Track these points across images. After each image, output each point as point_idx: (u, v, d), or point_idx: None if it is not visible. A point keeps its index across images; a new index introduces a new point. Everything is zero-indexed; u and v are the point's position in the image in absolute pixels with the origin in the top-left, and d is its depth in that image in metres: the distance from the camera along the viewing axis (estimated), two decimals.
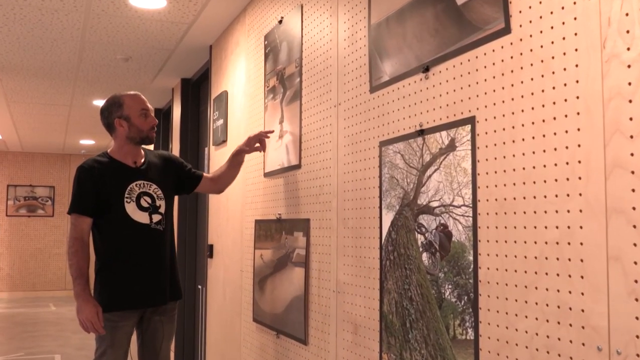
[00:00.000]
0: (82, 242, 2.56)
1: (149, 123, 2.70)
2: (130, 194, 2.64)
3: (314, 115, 2.50)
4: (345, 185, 2.22)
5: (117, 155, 2.70)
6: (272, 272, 2.87)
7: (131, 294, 2.59)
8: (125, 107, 2.66)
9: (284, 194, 2.79)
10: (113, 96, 2.72)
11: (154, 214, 2.68)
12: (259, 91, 3.19)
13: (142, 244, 2.63)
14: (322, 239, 2.39)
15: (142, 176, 2.70)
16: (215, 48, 4.14)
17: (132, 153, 2.71)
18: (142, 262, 2.62)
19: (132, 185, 2.65)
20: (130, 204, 2.62)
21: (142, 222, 2.62)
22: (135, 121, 2.66)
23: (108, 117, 2.70)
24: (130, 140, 2.68)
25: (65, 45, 4.23)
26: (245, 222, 3.32)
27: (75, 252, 2.54)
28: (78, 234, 2.56)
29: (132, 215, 2.61)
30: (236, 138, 3.56)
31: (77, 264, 2.53)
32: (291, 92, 2.74)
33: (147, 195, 2.68)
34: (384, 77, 1.99)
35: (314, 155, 2.49)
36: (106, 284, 2.59)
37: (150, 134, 2.71)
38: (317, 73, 2.49)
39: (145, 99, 2.74)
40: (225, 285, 3.67)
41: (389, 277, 1.91)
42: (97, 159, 2.70)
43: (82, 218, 2.58)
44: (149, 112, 2.71)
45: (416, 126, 1.80)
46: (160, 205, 2.71)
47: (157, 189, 2.71)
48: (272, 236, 2.89)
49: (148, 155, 2.79)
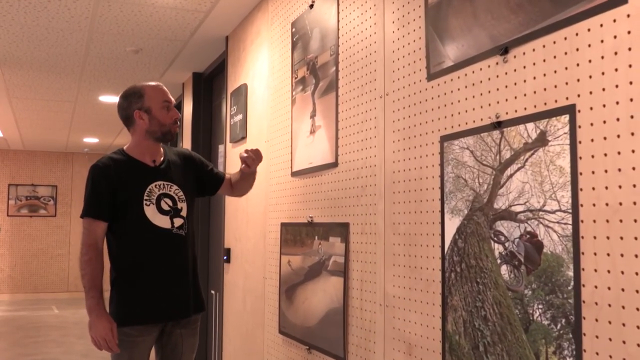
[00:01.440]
0: (96, 250, 2.31)
1: (172, 116, 2.43)
2: (149, 195, 2.38)
3: (354, 108, 2.25)
4: (394, 185, 1.97)
5: (134, 152, 2.44)
6: (302, 280, 2.62)
7: (152, 306, 2.34)
8: (146, 98, 2.39)
9: (316, 195, 2.54)
10: (133, 86, 2.46)
11: (176, 217, 2.42)
12: (284, 83, 2.94)
13: (163, 250, 2.38)
14: (365, 246, 2.14)
15: (162, 176, 2.44)
16: (233, 39, 3.89)
17: (151, 150, 2.45)
18: (163, 271, 2.37)
19: (151, 186, 2.39)
20: (149, 206, 2.36)
21: (163, 226, 2.37)
22: (156, 114, 2.39)
23: (127, 108, 2.43)
24: (150, 135, 2.42)
25: (72, 35, 3.97)
26: (269, 225, 3.07)
27: (88, 261, 2.29)
28: (92, 240, 2.31)
29: (151, 219, 2.36)
30: (257, 134, 3.31)
31: (90, 273, 2.28)
32: (325, 83, 2.49)
33: (167, 197, 2.42)
34: (446, 62, 1.74)
35: (354, 152, 2.24)
36: (124, 295, 2.34)
37: (173, 128, 2.45)
38: (357, 61, 2.24)
39: (167, 90, 2.49)
40: (246, 292, 3.42)
41: (455, 292, 1.66)
42: (113, 156, 2.44)
43: (96, 223, 2.32)
44: (172, 105, 2.46)
45: (491, 117, 1.55)
46: (182, 207, 2.46)
47: (178, 190, 2.46)
48: (303, 241, 2.64)
49: (167, 153, 2.53)
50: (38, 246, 10.39)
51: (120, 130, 8.17)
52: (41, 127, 7.84)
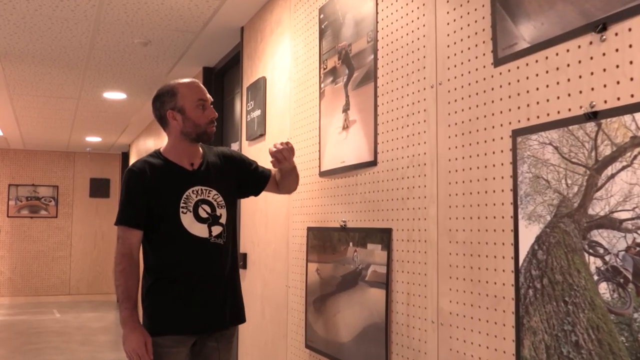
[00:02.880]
0: (131, 259, 2.15)
1: (208, 116, 2.24)
2: (186, 202, 2.20)
3: (398, 100, 2.01)
4: (451, 187, 1.73)
5: (171, 155, 2.26)
6: (334, 291, 2.38)
7: (187, 317, 2.17)
8: (179, 97, 2.21)
9: (351, 197, 2.30)
10: (166, 84, 2.29)
11: (214, 225, 2.24)
12: (311, 75, 2.70)
13: (200, 261, 2.20)
14: (413, 255, 1.90)
15: (200, 180, 2.25)
16: (249, 29, 3.64)
17: (188, 152, 2.27)
18: (199, 281, 2.20)
19: (188, 192, 2.21)
20: (186, 214, 2.19)
21: (201, 235, 2.20)
22: (190, 114, 2.21)
23: (160, 108, 2.25)
24: (186, 137, 2.23)
25: (77, 26, 3.73)
26: (293, 229, 2.83)
27: (122, 271, 2.14)
28: (126, 249, 2.15)
29: (189, 228, 2.18)
30: (278, 131, 3.07)
31: (124, 284, 2.13)
32: (361, 73, 2.25)
33: (205, 204, 2.23)
34: (519, 44, 1.50)
35: (397, 150, 2.00)
36: (159, 304, 2.18)
37: (209, 128, 2.25)
38: (401, 47, 2.00)
39: (204, 88, 2.29)
40: (265, 301, 3.17)
41: (534, 312, 1.42)
42: (149, 160, 2.25)
43: (131, 231, 2.17)
44: (208, 103, 2.26)
45: (583, 107, 1.31)
46: (221, 214, 2.26)
47: (218, 195, 2.27)
48: (334, 248, 2.40)
49: (207, 155, 2.34)
50: (39, 248, 10.13)
51: (124, 130, 7.94)
52: (42, 126, 7.59)
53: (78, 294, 10.21)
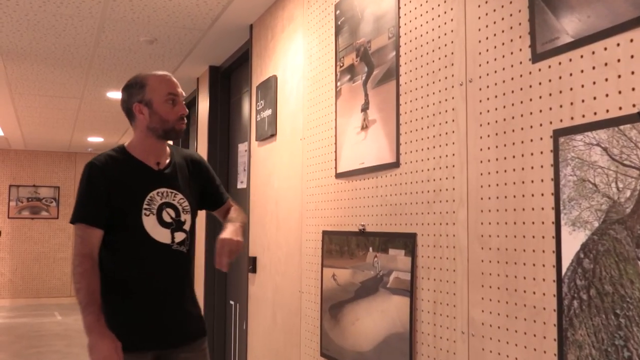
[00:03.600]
0: (93, 260, 1.98)
1: (177, 112, 2.08)
2: (150, 204, 2.05)
3: (422, 99, 1.92)
4: (483, 190, 1.63)
5: (136, 151, 2.10)
6: (352, 298, 2.28)
7: (145, 332, 2.02)
8: (147, 90, 2.06)
9: (370, 200, 2.21)
10: (136, 75, 2.13)
11: (177, 231, 2.10)
12: (326, 73, 2.60)
13: (160, 268, 2.06)
14: (440, 262, 1.80)
15: (166, 182, 2.11)
16: (258, 27, 3.55)
17: (155, 150, 2.11)
18: (159, 292, 2.05)
19: (153, 193, 2.07)
20: (149, 217, 2.04)
21: (163, 241, 2.05)
22: (158, 108, 2.06)
23: (127, 100, 2.10)
24: (152, 133, 2.08)
25: (82, 23, 3.64)
26: (307, 233, 2.73)
27: (83, 273, 1.94)
28: (87, 249, 1.97)
29: (150, 232, 2.04)
30: (291, 131, 2.98)
31: (87, 287, 1.93)
32: (381, 71, 2.16)
33: (170, 207, 2.09)
34: (562, 38, 1.40)
35: (422, 151, 1.91)
36: (113, 316, 1.98)
37: (178, 125, 2.09)
38: (426, 43, 1.91)
39: (176, 82, 2.13)
40: (276, 307, 3.08)
41: (580, 325, 1.33)
42: (112, 154, 2.10)
43: (91, 230, 1.99)
44: (178, 99, 2.10)
45: (637, 106, 1.22)
46: (186, 220, 2.13)
47: (183, 200, 2.13)
48: (352, 253, 2.30)
49: (174, 155, 2.19)
50: (40, 249, 10.02)
51: (127, 130, 7.84)
52: (44, 126, 7.50)
53: None
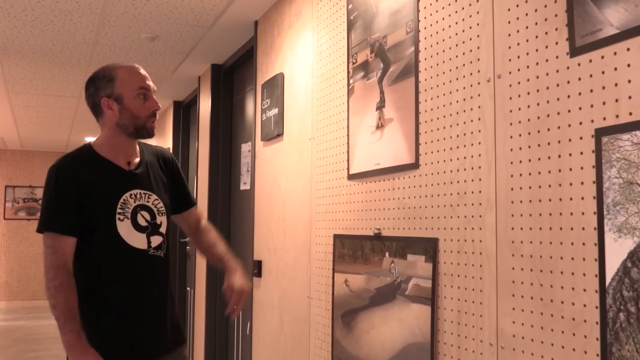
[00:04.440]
0: (68, 272, 1.82)
1: (149, 107, 1.94)
2: (124, 208, 1.91)
3: (444, 96, 1.81)
4: (514, 193, 1.53)
5: (104, 151, 1.95)
6: (366, 305, 2.18)
7: (123, 345, 1.90)
8: (117, 83, 1.91)
9: (386, 202, 2.11)
10: (102, 67, 1.98)
11: (154, 235, 1.96)
12: (337, 70, 2.50)
13: (139, 276, 1.93)
14: (465, 268, 1.70)
15: (139, 183, 1.98)
16: (263, 23, 3.45)
17: (124, 149, 1.97)
18: (138, 301, 1.92)
19: (126, 195, 1.93)
20: (124, 222, 1.90)
21: (139, 247, 1.92)
22: (129, 103, 1.91)
23: (94, 94, 1.94)
24: (122, 130, 1.94)
25: (81, 19, 3.53)
26: (317, 236, 2.63)
27: (59, 287, 1.78)
28: (60, 260, 1.81)
29: (126, 237, 1.90)
30: (299, 131, 2.87)
31: (64, 302, 1.78)
32: (398, 67, 2.06)
33: (145, 210, 1.96)
34: (605, 30, 1.30)
35: (444, 151, 1.81)
36: (92, 330, 1.85)
37: (149, 123, 1.95)
38: (448, 37, 1.81)
39: (146, 75, 1.99)
40: (283, 312, 2.97)
41: (626, 339, 1.23)
42: (78, 155, 1.95)
43: (63, 239, 1.83)
44: (150, 93, 1.96)
45: None
46: (161, 222, 2.00)
47: (158, 201, 2.00)
48: (366, 258, 2.20)
49: (144, 153, 2.06)
50: (36, 251, 9.86)
51: None
52: (41, 125, 7.37)
53: None
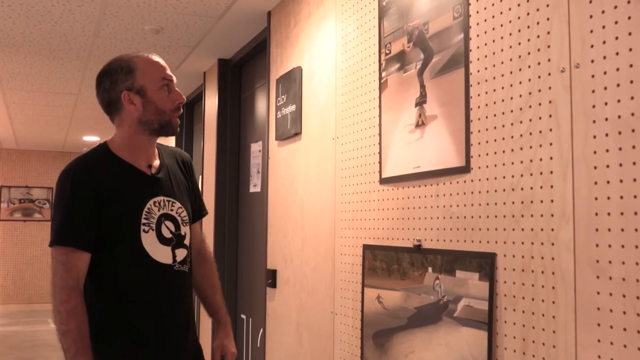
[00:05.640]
0: (80, 294, 1.61)
1: (173, 100, 1.74)
2: (148, 217, 1.70)
3: (504, 90, 1.57)
4: (598, 204, 1.29)
5: (124, 152, 1.74)
6: (404, 325, 1.94)
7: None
8: (137, 74, 1.70)
9: (428, 210, 1.87)
10: (117, 58, 1.75)
11: (179, 247, 1.76)
12: (367, 62, 2.26)
13: (162, 294, 1.71)
14: (533, 290, 1.46)
15: (163, 189, 1.76)
16: (278, 14, 3.20)
17: (145, 150, 1.76)
18: (162, 325, 1.71)
19: (150, 203, 1.71)
20: (148, 234, 1.69)
21: (164, 262, 1.71)
22: (153, 96, 1.70)
23: (110, 89, 1.72)
24: (145, 128, 1.72)
25: (80, 9, 3.28)
26: (342, 246, 2.39)
27: (72, 311, 1.57)
28: (73, 280, 1.59)
29: (150, 251, 1.69)
30: (320, 129, 2.63)
31: (77, 329, 1.57)
32: (443, 57, 1.81)
33: (169, 220, 1.75)
34: None
35: (504, 153, 1.57)
36: (107, 356, 1.66)
37: (174, 118, 1.74)
38: (508, 22, 1.57)
39: (166, 65, 1.78)
40: (302, 327, 2.73)
41: None
42: (95, 157, 1.73)
43: (78, 255, 1.62)
44: (173, 84, 1.75)
45: None
46: (185, 234, 1.80)
47: (182, 209, 1.80)
48: (405, 272, 1.96)
49: (163, 155, 1.85)
50: (32, 253, 9.61)
51: None
52: (37, 124, 7.11)
53: None
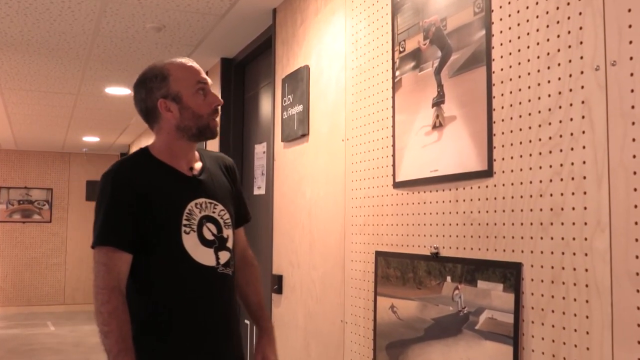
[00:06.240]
0: (122, 295, 1.60)
1: (210, 103, 1.73)
2: (189, 219, 1.68)
3: (530, 89, 1.48)
4: (638, 212, 1.20)
5: (164, 156, 1.74)
6: (421, 337, 1.84)
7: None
8: (171, 80, 1.70)
9: (446, 216, 1.77)
10: (152, 66, 1.76)
11: (221, 250, 1.73)
12: (379, 60, 2.16)
13: (206, 298, 1.69)
14: (564, 303, 1.37)
15: (204, 191, 1.75)
16: (283, 11, 3.11)
17: (185, 153, 1.76)
18: (204, 326, 1.68)
19: (191, 205, 1.70)
20: (190, 235, 1.67)
21: (207, 264, 1.69)
22: (189, 101, 1.70)
23: (147, 98, 1.73)
24: (184, 133, 1.72)
25: (80, 7, 3.18)
26: (353, 252, 2.29)
27: (113, 312, 1.56)
28: (114, 280, 1.59)
29: (192, 253, 1.67)
30: (329, 131, 2.53)
31: (118, 330, 1.55)
32: (463, 55, 1.72)
33: (211, 222, 1.72)
34: None
35: (530, 157, 1.47)
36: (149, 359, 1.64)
37: (212, 121, 1.74)
38: (535, 17, 1.47)
39: (200, 68, 1.77)
40: (309, 336, 2.64)
41: None
42: (136, 159, 1.75)
43: (119, 255, 1.61)
44: (208, 87, 1.75)
45: None
46: (228, 236, 1.77)
47: (224, 212, 1.77)
48: (421, 281, 1.86)
49: (204, 158, 1.83)
50: (32, 255, 9.51)
51: (125, 129, 7.38)
52: (37, 124, 7.01)
53: (73, 303, 9.61)
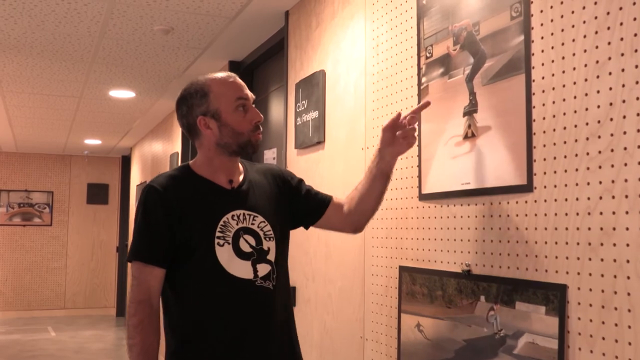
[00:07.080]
0: (150, 308, 1.61)
1: (251, 120, 1.71)
2: (224, 231, 1.65)
3: (577, 99, 1.38)
4: None
5: (204, 171, 1.73)
6: (451, 358, 1.75)
7: None
8: (211, 97, 1.68)
9: (479, 232, 1.67)
10: (193, 82, 1.74)
11: (260, 262, 1.68)
12: (403, 66, 2.07)
13: (243, 311, 1.65)
14: (616, 330, 1.27)
15: (243, 203, 1.71)
16: (297, 13, 3.01)
17: (226, 168, 1.74)
18: (244, 342, 1.63)
19: (227, 217, 1.67)
20: (224, 247, 1.65)
21: (243, 277, 1.65)
22: (227, 118, 1.68)
23: (187, 114, 1.72)
24: (224, 150, 1.71)
25: (86, 8, 3.08)
26: (374, 266, 2.20)
27: (138, 325, 1.59)
28: (143, 294, 1.61)
29: (226, 266, 1.64)
30: (347, 138, 2.44)
31: (141, 344, 1.58)
32: (498, 62, 1.62)
33: (249, 234, 1.68)
34: None
35: (577, 172, 1.37)
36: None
37: (254, 137, 1.71)
38: (582, 22, 1.38)
39: (242, 83, 1.73)
40: (325, 352, 2.54)
41: None
42: (173, 174, 1.73)
43: (150, 269, 1.62)
44: (249, 103, 1.72)
45: None
46: (269, 249, 1.71)
47: (265, 223, 1.72)
48: (451, 300, 1.77)
49: (248, 171, 1.80)
50: (32, 258, 9.39)
51: (127, 132, 7.27)
52: (38, 127, 6.91)
53: (74, 307, 9.50)
